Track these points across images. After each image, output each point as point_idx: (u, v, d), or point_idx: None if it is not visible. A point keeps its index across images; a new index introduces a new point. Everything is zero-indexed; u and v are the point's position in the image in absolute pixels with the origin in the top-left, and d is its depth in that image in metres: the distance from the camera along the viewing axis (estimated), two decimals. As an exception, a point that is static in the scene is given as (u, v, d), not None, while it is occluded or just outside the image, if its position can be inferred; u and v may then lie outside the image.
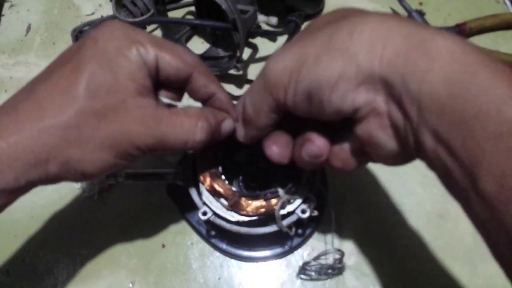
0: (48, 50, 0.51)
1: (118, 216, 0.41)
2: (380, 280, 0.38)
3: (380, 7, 0.53)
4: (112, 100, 0.24)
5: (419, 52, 0.20)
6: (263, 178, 0.35)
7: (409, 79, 0.20)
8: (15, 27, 0.52)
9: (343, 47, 0.21)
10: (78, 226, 0.40)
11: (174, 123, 0.26)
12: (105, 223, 0.41)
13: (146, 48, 0.25)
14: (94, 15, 0.53)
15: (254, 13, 0.44)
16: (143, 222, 0.41)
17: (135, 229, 0.40)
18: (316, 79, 0.22)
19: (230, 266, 0.39)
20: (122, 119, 0.24)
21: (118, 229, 0.40)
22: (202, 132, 0.27)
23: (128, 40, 0.25)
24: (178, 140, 0.26)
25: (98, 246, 0.39)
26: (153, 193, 0.41)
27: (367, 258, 0.39)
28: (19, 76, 0.49)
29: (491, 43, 0.50)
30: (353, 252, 0.39)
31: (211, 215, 0.33)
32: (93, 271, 0.39)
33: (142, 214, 0.41)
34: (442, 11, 0.52)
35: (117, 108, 0.24)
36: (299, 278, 0.38)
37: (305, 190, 0.33)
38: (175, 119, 0.26)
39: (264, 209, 0.32)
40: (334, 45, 0.22)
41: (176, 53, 0.27)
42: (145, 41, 0.26)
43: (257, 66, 0.49)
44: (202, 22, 0.44)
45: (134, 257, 0.39)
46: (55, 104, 0.24)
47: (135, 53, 0.25)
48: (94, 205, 0.41)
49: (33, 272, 0.38)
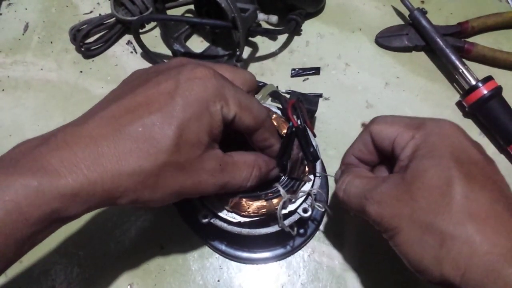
0: (45, 49, 0.50)
1: (116, 217, 0.40)
2: (382, 282, 0.38)
3: (382, 5, 0.52)
4: (192, 155, 0.25)
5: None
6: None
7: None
8: (12, 26, 0.52)
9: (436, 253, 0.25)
10: (75, 227, 0.40)
11: (235, 173, 0.28)
12: (103, 224, 0.40)
13: (229, 106, 0.26)
14: (92, 13, 0.52)
15: (254, 11, 0.44)
16: (141, 223, 0.40)
17: (133, 231, 0.40)
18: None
19: (230, 268, 0.38)
20: (197, 172, 0.26)
21: (116, 230, 0.40)
22: (254, 180, 0.30)
23: (217, 95, 0.26)
24: (234, 186, 0.29)
25: (96, 248, 0.39)
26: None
27: (368, 260, 0.39)
28: (16, 75, 0.48)
29: (493, 42, 0.50)
30: (355, 254, 0.39)
31: (212, 217, 0.32)
32: (91, 272, 0.38)
33: (140, 215, 0.40)
34: (444, 10, 0.52)
35: (194, 162, 0.26)
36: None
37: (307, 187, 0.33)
38: (236, 170, 0.28)
39: (266, 209, 0.31)
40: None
41: (252, 112, 0.28)
42: (229, 98, 0.26)
43: (257, 65, 0.49)
44: (201, 20, 0.44)
45: (132, 258, 0.39)
46: (141, 151, 0.24)
47: (219, 111, 0.26)
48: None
49: (31, 274, 0.38)
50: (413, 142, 0.28)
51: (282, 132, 0.35)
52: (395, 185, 0.27)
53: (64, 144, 0.23)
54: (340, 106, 0.46)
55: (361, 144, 0.32)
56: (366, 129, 0.32)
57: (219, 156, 0.27)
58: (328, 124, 0.45)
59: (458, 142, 0.27)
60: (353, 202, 0.30)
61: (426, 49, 0.49)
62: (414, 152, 0.27)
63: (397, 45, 0.49)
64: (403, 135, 0.29)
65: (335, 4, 0.53)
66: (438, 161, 0.26)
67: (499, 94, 0.44)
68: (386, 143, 0.30)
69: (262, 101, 0.39)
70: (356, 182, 0.30)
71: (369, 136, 0.31)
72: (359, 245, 0.39)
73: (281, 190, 0.32)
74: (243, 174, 0.29)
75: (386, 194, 0.27)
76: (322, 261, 0.39)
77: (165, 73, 0.26)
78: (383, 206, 0.27)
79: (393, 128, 0.30)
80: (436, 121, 0.28)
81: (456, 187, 0.25)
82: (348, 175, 0.32)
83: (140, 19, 0.45)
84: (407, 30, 0.49)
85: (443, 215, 0.24)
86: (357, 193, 0.30)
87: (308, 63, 0.49)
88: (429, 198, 0.25)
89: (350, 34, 0.51)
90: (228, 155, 0.29)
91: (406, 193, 0.26)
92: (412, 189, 0.26)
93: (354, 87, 0.47)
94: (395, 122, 0.30)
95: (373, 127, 0.31)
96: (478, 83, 0.44)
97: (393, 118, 0.31)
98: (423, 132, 0.28)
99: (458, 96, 0.47)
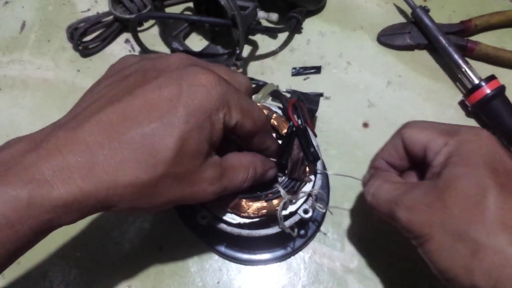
0: (42, 48, 0.50)
1: (114, 218, 0.40)
2: (383, 283, 0.37)
3: (384, 3, 0.52)
4: (192, 166, 0.24)
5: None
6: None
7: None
8: (9, 24, 0.51)
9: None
10: (73, 229, 0.39)
11: (232, 177, 0.28)
12: (101, 226, 0.40)
13: (231, 114, 0.26)
14: (90, 11, 0.52)
15: (254, 9, 0.43)
16: (139, 225, 0.40)
17: (132, 232, 0.39)
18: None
19: (230, 270, 0.38)
20: (196, 181, 0.25)
21: (114, 231, 0.39)
22: (250, 181, 0.29)
23: (220, 103, 0.25)
24: (233, 190, 0.28)
25: (94, 249, 0.39)
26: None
27: (369, 261, 0.38)
28: (13, 74, 0.48)
29: (496, 40, 0.49)
30: (355, 255, 0.39)
31: (211, 218, 0.32)
32: (89, 274, 0.38)
33: (138, 217, 0.40)
34: (446, 8, 0.52)
35: (194, 172, 0.25)
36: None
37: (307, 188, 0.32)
38: (234, 173, 0.28)
39: (266, 210, 0.31)
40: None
41: (253, 118, 0.27)
42: (232, 105, 0.26)
43: (257, 63, 0.48)
44: (200, 18, 0.44)
45: (130, 260, 0.38)
46: (139, 162, 0.23)
47: (221, 119, 0.25)
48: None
49: (28, 275, 0.38)
50: (446, 148, 0.28)
51: (282, 132, 0.34)
52: (427, 191, 0.27)
53: (56, 151, 0.22)
54: (341, 105, 0.46)
55: (391, 148, 0.32)
56: (397, 133, 0.32)
57: (218, 164, 0.27)
58: (329, 123, 0.45)
59: (493, 152, 0.26)
60: (382, 206, 0.30)
61: (429, 48, 0.49)
62: (448, 159, 0.27)
63: (399, 44, 0.49)
64: (436, 141, 0.28)
65: (336, 1, 0.52)
66: (472, 169, 0.25)
67: (502, 93, 0.43)
68: (418, 148, 0.30)
69: (262, 100, 0.39)
70: (385, 186, 0.30)
71: (401, 141, 0.31)
72: (361, 247, 0.39)
73: (281, 190, 0.31)
74: (240, 176, 0.28)
75: (417, 201, 0.27)
76: (323, 262, 0.38)
77: (166, 75, 0.25)
78: (414, 213, 0.27)
79: (426, 134, 0.29)
80: (471, 129, 0.28)
81: (490, 197, 0.24)
82: (377, 179, 0.31)
83: (138, 17, 0.44)
84: (409, 28, 0.49)
85: (476, 225, 0.24)
86: (386, 198, 0.29)
87: (309, 61, 0.48)
88: (462, 207, 0.25)
89: (351, 32, 0.50)
90: (225, 159, 0.28)
91: (439, 200, 0.26)
92: (444, 196, 0.25)
93: (356, 86, 0.47)
94: (428, 128, 0.30)
95: (405, 132, 0.31)
96: (481, 82, 0.43)
97: (426, 124, 0.30)
98: (457, 139, 0.27)
99: (461, 95, 0.46)
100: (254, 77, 0.46)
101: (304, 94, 0.40)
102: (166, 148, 0.23)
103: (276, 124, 0.34)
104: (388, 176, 0.32)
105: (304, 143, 0.32)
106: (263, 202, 0.31)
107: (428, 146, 0.29)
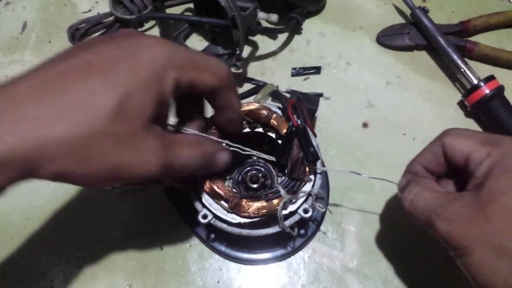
0: (43, 48, 0.50)
1: (115, 217, 0.40)
2: (383, 283, 0.38)
3: (383, 4, 0.52)
4: (133, 127, 0.23)
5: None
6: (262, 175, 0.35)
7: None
8: (10, 25, 0.51)
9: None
10: (74, 228, 0.39)
11: (178, 152, 0.26)
12: (102, 224, 0.40)
13: (183, 72, 0.25)
14: (91, 12, 0.52)
15: (254, 10, 0.43)
16: (140, 224, 0.40)
17: (132, 231, 0.39)
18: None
19: (230, 269, 0.38)
20: (136, 147, 0.23)
21: (115, 231, 0.39)
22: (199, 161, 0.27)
23: (167, 60, 0.24)
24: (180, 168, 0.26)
25: (95, 248, 0.39)
26: (151, 195, 0.40)
27: (369, 261, 0.38)
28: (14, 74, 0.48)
29: (496, 41, 0.49)
30: (355, 255, 0.39)
31: (212, 218, 0.32)
32: (90, 273, 0.38)
33: (139, 216, 0.40)
34: (446, 8, 0.52)
35: (134, 135, 0.23)
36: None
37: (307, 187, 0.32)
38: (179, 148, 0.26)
39: (266, 210, 0.31)
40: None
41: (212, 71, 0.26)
42: (182, 63, 0.25)
43: (257, 64, 0.48)
44: (200, 19, 0.44)
45: (131, 259, 0.38)
46: (74, 117, 0.22)
47: (170, 79, 0.24)
48: (91, 207, 0.40)
49: (29, 275, 0.38)
50: (489, 159, 0.27)
51: (282, 132, 0.34)
52: (468, 203, 0.26)
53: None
54: (341, 105, 0.46)
55: (430, 154, 0.32)
56: (437, 140, 0.31)
57: (161, 134, 0.25)
58: (328, 124, 0.45)
59: None
60: (420, 215, 0.29)
61: (428, 48, 0.49)
62: (490, 170, 0.27)
63: (398, 44, 0.49)
64: (478, 151, 0.28)
65: (336, 2, 0.52)
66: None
67: (501, 93, 0.43)
68: (459, 157, 0.29)
69: (262, 100, 0.39)
70: (425, 194, 0.29)
71: (441, 148, 0.31)
72: (360, 247, 0.39)
73: (281, 190, 0.31)
74: (187, 152, 0.27)
75: (458, 213, 0.26)
76: (323, 262, 0.38)
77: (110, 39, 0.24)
78: (455, 225, 0.26)
79: (468, 143, 0.29)
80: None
81: None
82: (415, 185, 0.31)
83: (139, 18, 0.44)
84: (408, 29, 0.49)
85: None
86: (426, 206, 0.29)
87: (308, 62, 0.48)
88: (506, 221, 0.25)
89: (351, 33, 0.50)
90: (171, 134, 0.27)
91: (481, 213, 0.25)
92: (487, 209, 0.25)
93: (355, 87, 0.47)
94: (471, 137, 0.29)
95: (446, 139, 0.30)
96: (480, 83, 0.43)
97: (468, 132, 0.30)
98: (500, 150, 0.27)
99: (460, 95, 0.46)
100: (254, 77, 0.47)
101: (304, 94, 0.40)
102: (106, 104, 0.22)
103: (276, 124, 0.35)
104: (427, 183, 0.31)
105: (303, 143, 0.32)
106: (263, 202, 0.31)
107: (470, 155, 0.28)
